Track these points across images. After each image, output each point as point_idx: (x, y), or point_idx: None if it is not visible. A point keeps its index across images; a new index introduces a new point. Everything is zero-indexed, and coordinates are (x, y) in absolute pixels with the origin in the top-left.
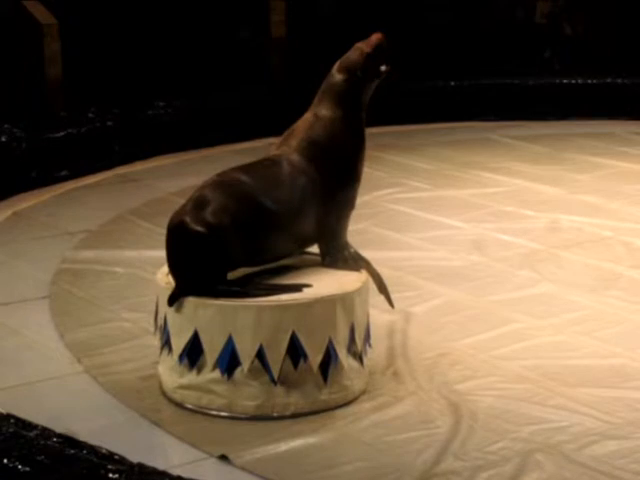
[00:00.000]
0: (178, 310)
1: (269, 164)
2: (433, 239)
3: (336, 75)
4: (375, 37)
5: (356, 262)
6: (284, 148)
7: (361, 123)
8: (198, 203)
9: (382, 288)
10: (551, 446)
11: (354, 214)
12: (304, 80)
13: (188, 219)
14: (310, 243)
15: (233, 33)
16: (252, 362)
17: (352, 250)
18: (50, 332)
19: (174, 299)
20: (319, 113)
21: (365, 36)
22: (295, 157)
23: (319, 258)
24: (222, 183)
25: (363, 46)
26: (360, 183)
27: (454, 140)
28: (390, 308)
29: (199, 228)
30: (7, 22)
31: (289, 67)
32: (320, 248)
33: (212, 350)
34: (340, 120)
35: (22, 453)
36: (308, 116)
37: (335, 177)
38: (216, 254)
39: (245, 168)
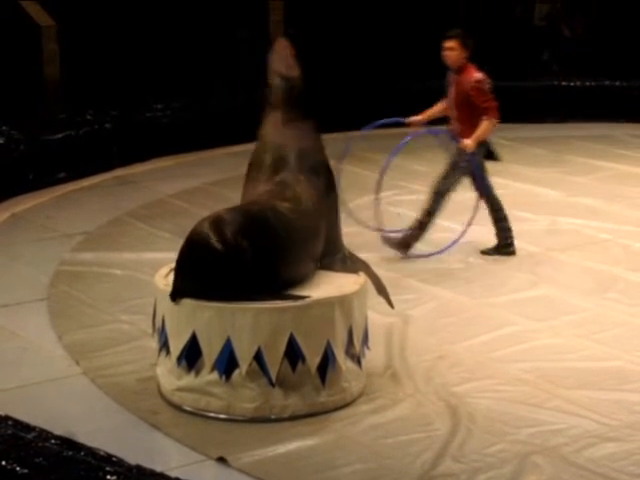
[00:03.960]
0: (176, 312)
1: (290, 194)
2: (431, 242)
3: (275, 82)
4: (283, 43)
5: (354, 264)
6: (285, 173)
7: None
8: (221, 221)
9: (381, 290)
10: (549, 448)
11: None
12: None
13: (210, 234)
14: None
15: (232, 34)
16: (250, 364)
17: (348, 252)
18: (48, 334)
19: (177, 295)
20: (286, 131)
21: (363, 35)
22: (304, 178)
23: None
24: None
25: (281, 52)
26: None
27: None
28: (388, 310)
29: (218, 245)
30: (6, 24)
31: None
32: None
33: (210, 352)
34: (304, 124)
35: (20, 455)
36: (278, 140)
37: (331, 184)
38: (231, 275)
39: (263, 203)
